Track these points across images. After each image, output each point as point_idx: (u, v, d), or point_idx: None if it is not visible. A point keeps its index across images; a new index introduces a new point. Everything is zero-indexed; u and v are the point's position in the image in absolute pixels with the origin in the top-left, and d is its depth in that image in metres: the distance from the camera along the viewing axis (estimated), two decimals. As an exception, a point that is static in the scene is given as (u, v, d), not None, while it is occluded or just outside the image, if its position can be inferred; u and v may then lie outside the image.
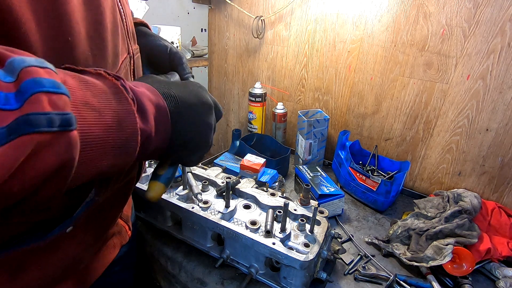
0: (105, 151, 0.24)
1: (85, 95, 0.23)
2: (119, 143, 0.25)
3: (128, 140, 0.26)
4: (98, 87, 0.24)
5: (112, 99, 0.25)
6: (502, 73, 0.78)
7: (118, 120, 0.25)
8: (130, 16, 0.41)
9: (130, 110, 0.26)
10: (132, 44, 0.41)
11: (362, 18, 0.96)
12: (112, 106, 0.24)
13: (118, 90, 0.26)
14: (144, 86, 0.31)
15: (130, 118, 0.26)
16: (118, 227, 0.51)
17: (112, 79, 0.26)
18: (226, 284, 0.61)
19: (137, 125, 0.26)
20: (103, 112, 0.23)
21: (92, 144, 0.23)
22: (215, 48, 1.40)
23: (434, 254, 0.65)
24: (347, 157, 0.96)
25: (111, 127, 0.24)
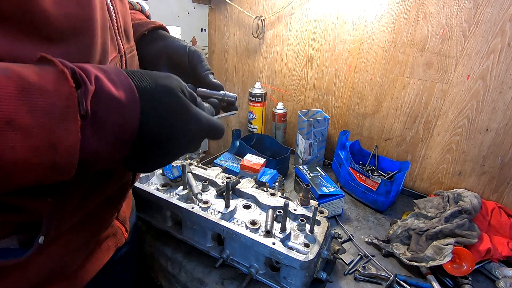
0: (27, 172, 0.21)
1: (15, 110, 0.20)
2: (47, 164, 0.22)
3: (61, 161, 0.23)
4: (41, 99, 0.21)
5: (55, 115, 0.21)
6: (502, 73, 0.78)
7: (51, 141, 0.21)
8: (123, 15, 0.40)
9: (72, 130, 0.23)
10: (125, 43, 0.40)
11: (362, 18, 0.96)
12: (48, 124, 0.21)
13: (69, 103, 0.22)
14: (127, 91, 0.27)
15: (69, 139, 0.22)
16: (113, 229, 0.50)
17: (71, 86, 0.22)
18: (226, 284, 0.61)
19: (76, 147, 0.23)
20: (31, 132, 0.20)
21: (6, 167, 0.20)
22: (215, 48, 1.40)
23: (434, 254, 0.65)
24: (347, 157, 0.96)
25: (38, 149, 0.21)
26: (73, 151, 0.23)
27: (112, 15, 0.36)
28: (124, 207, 0.54)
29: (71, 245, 0.38)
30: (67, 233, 0.37)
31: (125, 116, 0.26)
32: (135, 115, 0.27)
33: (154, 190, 0.67)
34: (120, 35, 0.39)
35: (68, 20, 0.27)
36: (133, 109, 0.27)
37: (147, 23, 0.50)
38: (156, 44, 0.49)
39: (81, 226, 0.39)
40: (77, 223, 0.38)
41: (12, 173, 0.21)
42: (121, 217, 0.53)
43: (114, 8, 0.37)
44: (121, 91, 0.26)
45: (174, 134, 0.31)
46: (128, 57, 0.41)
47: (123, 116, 0.26)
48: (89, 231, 0.41)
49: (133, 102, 0.27)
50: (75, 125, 0.23)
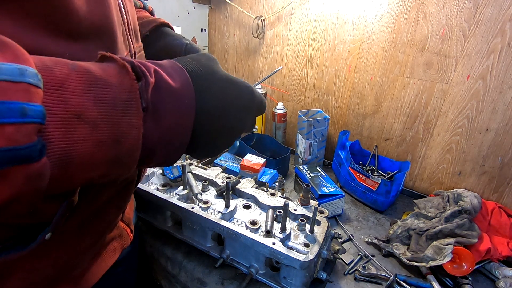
0: (93, 166, 0.22)
1: (84, 103, 0.20)
2: (111, 158, 0.23)
3: (125, 155, 0.23)
4: (108, 91, 0.22)
5: (119, 108, 0.22)
6: (502, 73, 0.78)
7: (116, 135, 0.22)
8: (132, 14, 0.40)
9: (135, 123, 0.23)
10: (134, 42, 0.40)
11: (362, 18, 0.96)
12: (114, 117, 0.22)
13: (132, 96, 0.23)
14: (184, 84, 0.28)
15: (132, 133, 0.23)
16: (118, 231, 0.50)
17: (133, 79, 0.23)
18: (226, 284, 0.61)
19: (139, 141, 0.24)
20: (98, 125, 0.21)
21: (77, 160, 0.20)
22: (215, 48, 1.40)
23: (434, 254, 0.65)
24: (347, 157, 0.96)
25: (105, 143, 0.21)
26: (135, 145, 0.23)
27: (123, 15, 0.36)
28: (128, 209, 0.54)
29: (77, 247, 0.38)
30: (73, 234, 0.37)
31: (182, 107, 0.27)
32: (192, 106, 0.28)
33: (154, 190, 0.67)
34: (131, 34, 0.39)
35: (89, 18, 0.27)
36: (189, 99, 0.28)
37: (149, 22, 0.50)
38: (156, 44, 0.49)
39: (86, 227, 0.39)
40: (82, 224, 0.37)
41: (80, 168, 0.21)
42: (125, 218, 0.53)
43: (125, 8, 0.37)
44: (178, 82, 0.27)
45: (230, 105, 0.32)
46: (138, 57, 0.42)
47: (181, 107, 0.27)
48: (94, 233, 0.41)
49: (189, 91, 0.28)
50: (138, 119, 0.23)
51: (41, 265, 0.34)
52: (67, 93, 0.20)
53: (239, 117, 0.33)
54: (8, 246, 0.29)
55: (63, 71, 0.20)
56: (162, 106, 0.25)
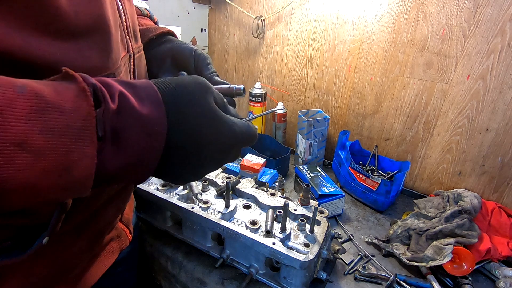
0: (37, 194, 0.20)
1: (27, 131, 0.19)
2: (61, 186, 0.21)
3: (75, 184, 0.22)
4: (59, 119, 0.20)
5: (71, 137, 0.20)
6: (502, 73, 0.78)
7: (65, 164, 0.20)
8: (131, 14, 0.40)
9: (87, 153, 0.21)
10: (133, 43, 0.40)
11: (362, 18, 0.96)
12: (63, 146, 0.20)
13: (87, 124, 0.21)
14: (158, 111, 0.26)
15: (84, 162, 0.21)
16: (117, 231, 0.50)
17: (91, 105, 0.21)
18: (226, 284, 0.61)
19: (92, 171, 0.22)
20: (44, 154, 0.19)
21: (17, 189, 0.19)
22: (215, 48, 1.40)
23: (434, 254, 0.65)
24: (347, 157, 0.96)
25: (50, 172, 0.20)
26: (87, 174, 0.22)
27: (121, 14, 0.36)
28: (127, 209, 0.54)
29: (74, 248, 0.38)
30: (71, 235, 0.37)
31: (150, 134, 0.25)
32: (161, 131, 0.26)
33: (154, 190, 0.67)
34: (129, 34, 0.39)
35: (80, 17, 0.27)
36: (159, 125, 0.26)
37: (156, 28, 0.51)
38: (163, 46, 0.50)
39: (84, 228, 0.39)
40: (80, 225, 0.37)
41: (21, 196, 0.19)
42: (124, 219, 0.53)
43: (124, 8, 0.37)
44: (147, 106, 0.25)
45: (205, 145, 0.29)
46: (136, 57, 0.41)
47: (148, 134, 0.25)
48: (92, 233, 0.41)
49: (160, 119, 0.26)
50: (91, 148, 0.22)
51: (39, 267, 0.34)
52: (8, 119, 0.18)
53: (214, 158, 0.31)
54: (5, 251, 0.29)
55: (6, 95, 0.18)
56: (125, 133, 0.23)
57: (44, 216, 0.30)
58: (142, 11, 0.55)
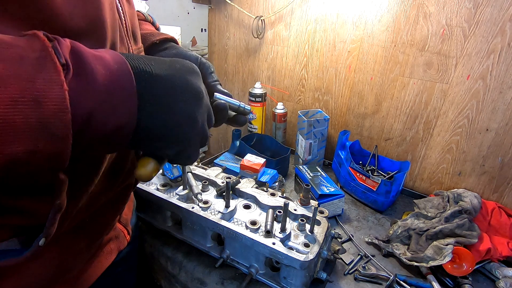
0: (12, 134, 0.19)
1: None
2: (35, 123, 0.20)
3: (51, 118, 0.20)
4: (12, 49, 0.19)
5: (30, 65, 0.20)
6: (502, 73, 0.78)
7: (32, 93, 0.19)
8: (130, 16, 0.40)
9: (54, 79, 0.20)
10: (132, 44, 0.40)
11: (362, 18, 0.96)
12: (25, 73, 0.19)
13: (46, 53, 0.20)
14: (108, 52, 0.25)
15: (54, 90, 0.20)
16: (116, 232, 0.50)
17: (44, 40, 0.21)
18: (226, 284, 0.61)
19: (65, 100, 0.20)
20: (5, 81, 0.18)
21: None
22: (215, 48, 1.40)
23: (434, 254, 0.65)
24: (347, 157, 0.96)
25: (19, 101, 0.19)
26: (62, 105, 0.20)
27: (121, 16, 0.36)
28: (126, 210, 0.54)
29: (72, 249, 0.38)
30: (68, 236, 0.37)
31: (113, 70, 0.24)
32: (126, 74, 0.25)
33: (154, 190, 0.67)
34: (128, 36, 0.39)
35: (75, 18, 0.27)
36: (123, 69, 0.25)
37: (158, 34, 0.52)
38: (168, 51, 0.50)
39: (82, 229, 0.39)
40: (78, 225, 0.37)
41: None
42: (123, 219, 0.53)
43: (123, 9, 0.37)
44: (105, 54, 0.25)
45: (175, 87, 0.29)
46: None
47: (110, 69, 0.24)
48: (91, 234, 0.41)
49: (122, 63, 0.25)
50: (56, 74, 0.20)
51: (36, 268, 0.34)
52: None
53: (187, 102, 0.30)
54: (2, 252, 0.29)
55: None
56: (88, 66, 0.22)
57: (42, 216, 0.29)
58: (145, 16, 0.55)
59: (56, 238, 0.32)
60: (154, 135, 0.29)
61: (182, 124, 0.30)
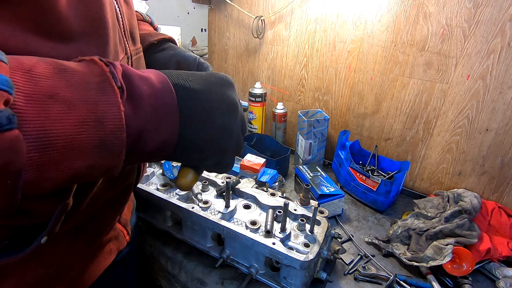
0: (77, 151, 0.21)
1: (55, 85, 0.20)
2: (96, 141, 0.22)
3: (110, 137, 0.22)
4: (78, 75, 0.22)
5: (93, 89, 0.22)
6: (502, 73, 0.78)
7: (96, 114, 0.22)
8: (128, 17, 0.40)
9: (113, 101, 0.23)
10: (130, 45, 0.40)
11: (362, 18, 0.96)
12: (89, 97, 0.21)
13: (104, 77, 0.23)
14: (153, 73, 0.27)
15: (112, 111, 0.22)
16: (115, 232, 0.50)
17: (102, 65, 0.23)
18: (226, 284, 0.61)
19: (122, 120, 0.23)
20: (74, 105, 0.21)
21: (57, 143, 0.20)
22: (215, 48, 1.40)
23: (434, 254, 0.65)
24: (347, 157, 0.96)
25: (85, 122, 0.21)
26: (119, 124, 0.23)
27: (119, 17, 0.36)
28: (126, 210, 0.54)
29: (72, 248, 0.38)
30: (68, 236, 0.37)
31: (157, 90, 0.26)
32: (169, 92, 0.27)
33: (154, 190, 0.67)
34: (127, 37, 0.39)
35: (79, 20, 0.27)
36: (166, 88, 0.27)
37: (157, 34, 0.52)
38: (166, 52, 0.50)
39: (83, 229, 0.39)
40: (79, 226, 0.37)
41: (63, 153, 0.20)
42: (122, 220, 0.53)
43: (121, 10, 0.37)
44: (150, 74, 0.27)
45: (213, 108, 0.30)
46: (134, 59, 0.42)
47: (155, 89, 0.26)
48: (90, 234, 0.41)
49: (165, 83, 0.27)
50: (115, 96, 0.23)
51: (36, 267, 0.34)
52: (37, 76, 0.20)
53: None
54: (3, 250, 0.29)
55: (31, 61, 0.20)
56: (137, 89, 0.25)
57: (43, 216, 0.30)
58: (144, 17, 0.55)
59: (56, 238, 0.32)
60: (194, 148, 0.30)
61: (220, 136, 0.31)
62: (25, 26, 0.24)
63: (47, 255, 0.35)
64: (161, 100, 0.26)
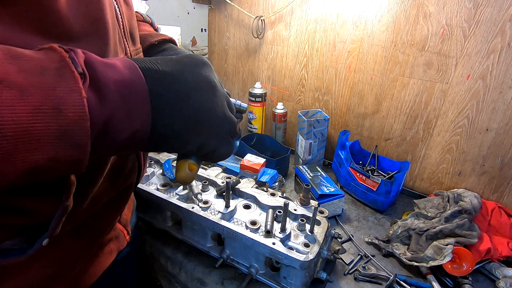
0: (34, 142, 0.19)
1: (5, 71, 0.18)
2: (56, 131, 0.20)
3: (71, 126, 0.21)
4: (33, 61, 0.20)
5: (50, 75, 0.20)
6: (502, 73, 0.78)
7: (53, 101, 0.20)
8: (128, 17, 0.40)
9: (73, 87, 0.21)
10: (130, 45, 0.40)
11: (362, 18, 0.96)
12: (45, 83, 0.20)
13: (64, 63, 0.21)
14: (119, 59, 0.26)
15: (73, 98, 0.20)
16: (115, 232, 0.51)
17: (61, 51, 0.21)
18: (226, 284, 0.61)
19: (84, 107, 0.21)
20: (27, 91, 0.19)
21: (7, 132, 0.18)
22: (215, 48, 1.40)
23: (434, 254, 0.65)
24: (347, 157, 0.96)
25: (40, 110, 0.19)
26: (81, 113, 0.21)
27: (118, 17, 0.36)
28: (126, 210, 0.54)
29: (73, 248, 0.38)
30: (69, 236, 0.37)
31: (125, 76, 0.24)
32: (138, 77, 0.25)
33: (154, 190, 0.67)
34: (126, 37, 0.39)
35: (78, 20, 0.27)
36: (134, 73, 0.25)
37: (157, 34, 0.52)
38: (167, 52, 0.50)
39: (83, 229, 0.39)
40: (79, 226, 0.37)
41: (16, 143, 0.19)
42: (123, 220, 0.53)
43: (120, 11, 0.37)
44: (116, 61, 0.25)
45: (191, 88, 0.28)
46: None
47: (122, 75, 0.24)
48: (91, 234, 0.41)
49: (133, 68, 0.25)
50: (75, 82, 0.21)
51: (37, 268, 0.34)
52: None
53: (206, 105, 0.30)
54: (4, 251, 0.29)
55: None
56: (101, 75, 0.23)
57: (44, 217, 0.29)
58: (144, 17, 0.55)
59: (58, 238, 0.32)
60: (171, 134, 0.28)
61: (198, 117, 0.29)
62: (25, 26, 0.24)
63: (48, 256, 0.35)
64: (129, 86, 0.24)
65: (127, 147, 0.26)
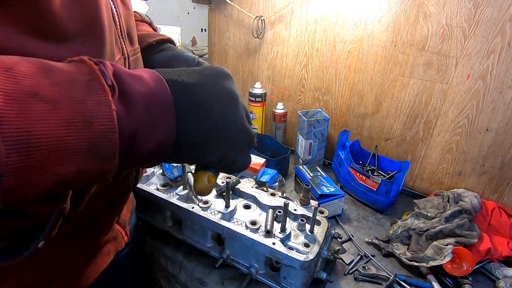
0: (64, 154, 0.20)
1: (38, 84, 0.19)
2: (85, 144, 0.20)
3: (101, 138, 0.21)
4: (64, 74, 0.21)
5: (81, 87, 0.21)
6: (502, 73, 0.78)
7: (83, 114, 0.20)
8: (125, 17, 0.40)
9: (103, 100, 0.21)
10: (128, 46, 0.40)
11: (362, 18, 0.96)
12: (76, 95, 0.20)
13: (94, 76, 0.21)
14: (145, 71, 0.26)
15: (103, 110, 0.21)
16: (114, 233, 0.50)
17: (91, 64, 0.22)
18: (226, 284, 0.61)
19: (113, 120, 0.21)
20: (60, 104, 0.19)
21: (40, 145, 0.18)
22: (215, 48, 1.40)
23: (434, 254, 0.65)
24: (347, 157, 0.96)
25: (72, 123, 0.20)
26: (110, 125, 0.21)
27: (115, 18, 0.36)
28: (124, 211, 0.54)
29: (70, 250, 0.38)
30: (66, 238, 0.36)
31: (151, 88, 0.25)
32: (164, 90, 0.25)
33: (154, 190, 0.67)
34: (123, 37, 0.39)
35: (73, 21, 0.27)
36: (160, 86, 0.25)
37: (155, 34, 0.52)
38: (165, 53, 0.50)
39: (81, 230, 0.39)
40: (77, 227, 0.37)
41: (48, 155, 0.19)
42: (121, 220, 0.53)
43: (117, 11, 0.37)
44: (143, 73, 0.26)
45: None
46: (132, 60, 0.41)
47: (149, 87, 0.25)
48: (89, 236, 0.41)
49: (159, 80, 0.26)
50: (105, 94, 0.21)
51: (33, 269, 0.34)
52: (18, 75, 0.18)
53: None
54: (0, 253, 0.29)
55: (12, 59, 0.19)
56: (129, 87, 0.23)
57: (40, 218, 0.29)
58: (143, 17, 0.55)
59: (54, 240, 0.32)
60: (193, 144, 0.29)
61: (218, 128, 0.29)
62: (19, 27, 0.23)
63: (44, 257, 0.35)
64: (155, 98, 0.25)
65: (152, 158, 0.27)
